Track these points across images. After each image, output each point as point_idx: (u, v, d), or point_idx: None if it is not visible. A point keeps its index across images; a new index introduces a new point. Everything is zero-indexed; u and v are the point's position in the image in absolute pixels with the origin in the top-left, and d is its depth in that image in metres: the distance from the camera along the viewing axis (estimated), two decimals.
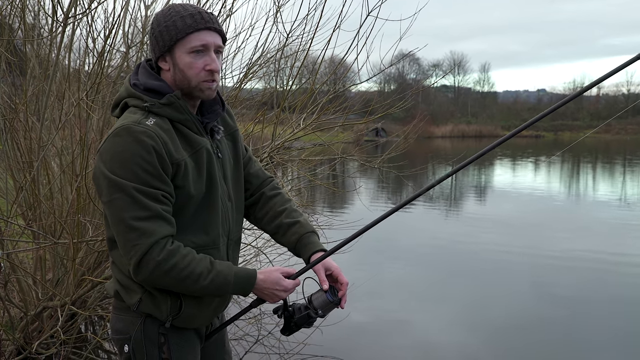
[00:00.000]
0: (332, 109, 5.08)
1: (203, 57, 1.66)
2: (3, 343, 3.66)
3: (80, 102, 3.55)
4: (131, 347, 1.76)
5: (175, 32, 1.63)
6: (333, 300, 1.84)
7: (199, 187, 1.71)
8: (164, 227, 1.61)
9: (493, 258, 8.02)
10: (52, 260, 4.14)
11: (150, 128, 1.60)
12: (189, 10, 1.65)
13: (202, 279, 1.64)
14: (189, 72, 1.66)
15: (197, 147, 1.71)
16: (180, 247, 1.64)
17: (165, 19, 1.65)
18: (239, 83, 4.76)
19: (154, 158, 1.58)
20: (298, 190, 6.21)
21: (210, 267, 1.66)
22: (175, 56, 1.66)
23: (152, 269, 1.59)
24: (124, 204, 1.58)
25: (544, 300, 6.08)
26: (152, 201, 1.59)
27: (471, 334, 5.13)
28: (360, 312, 5.46)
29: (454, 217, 12.20)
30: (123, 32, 4.00)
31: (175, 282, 1.64)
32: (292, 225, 1.91)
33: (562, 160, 26.90)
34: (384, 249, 8.38)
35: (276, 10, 4.34)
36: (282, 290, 1.77)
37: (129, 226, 1.58)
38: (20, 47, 4.39)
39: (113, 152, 1.60)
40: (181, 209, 1.69)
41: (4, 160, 3.97)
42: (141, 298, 1.73)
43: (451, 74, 73.29)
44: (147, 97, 1.67)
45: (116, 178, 1.58)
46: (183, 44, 1.64)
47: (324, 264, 1.85)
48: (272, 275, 1.77)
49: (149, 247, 1.58)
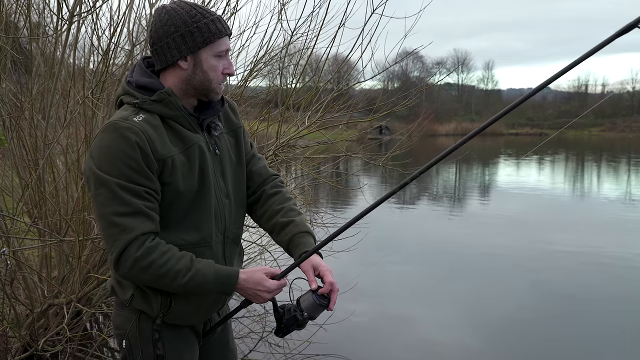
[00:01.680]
0: (337, 107, 5.08)
1: (222, 60, 1.72)
2: (9, 340, 3.68)
3: (85, 100, 3.56)
4: (128, 342, 1.79)
5: (209, 35, 1.66)
6: (320, 303, 1.77)
7: (189, 183, 1.70)
8: (145, 223, 1.61)
9: (496, 256, 8.01)
10: (57, 257, 4.15)
11: (136, 124, 1.61)
12: (210, 13, 1.69)
13: (181, 277, 1.63)
14: (212, 74, 1.71)
15: (189, 144, 1.71)
16: (159, 244, 1.63)
17: (193, 20, 1.65)
18: (243, 81, 4.76)
19: (138, 154, 1.59)
20: (302, 188, 6.22)
21: (190, 265, 1.65)
22: (201, 58, 1.69)
23: (131, 265, 1.60)
24: (106, 200, 1.59)
25: (547, 299, 6.07)
26: (134, 197, 1.59)
27: (474, 332, 5.13)
28: (364, 311, 5.46)
29: (457, 215, 12.19)
30: (128, 30, 4.00)
31: (153, 279, 1.65)
32: (287, 225, 1.88)
33: (565, 158, 26.84)
34: (386, 248, 8.38)
35: (280, 8, 4.33)
36: (265, 291, 1.73)
37: (109, 221, 1.60)
38: (25, 45, 4.41)
39: (100, 148, 1.62)
40: (170, 206, 1.69)
41: (10, 159, 3.98)
42: (133, 294, 1.74)
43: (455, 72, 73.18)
44: (138, 94, 1.69)
45: (100, 173, 1.59)
46: (212, 47, 1.69)
47: (313, 264, 1.79)
48: (255, 275, 1.73)
49: (128, 243, 1.59)
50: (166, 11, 1.67)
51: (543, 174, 20.80)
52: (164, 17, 1.67)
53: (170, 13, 1.67)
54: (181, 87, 1.72)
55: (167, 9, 1.68)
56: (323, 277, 1.77)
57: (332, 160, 5.90)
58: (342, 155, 5.35)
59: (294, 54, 4.80)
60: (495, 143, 39.96)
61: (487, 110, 67.93)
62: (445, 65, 68.54)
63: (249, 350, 4.45)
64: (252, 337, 4.64)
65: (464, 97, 73.15)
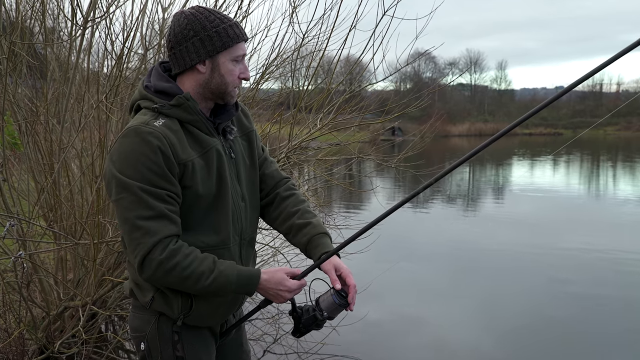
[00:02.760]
0: (349, 109, 5.08)
1: (239, 65, 1.75)
2: (26, 342, 3.72)
3: (99, 104, 3.59)
4: (147, 344, 1.81)
5: (227, 39, 1.69)
6: (340, 303, 1.79)
7: (208, 186, 1.73)
8: (168, 226, 1.63)
9: (509, 257, 7.96)
10: (72, 260, 4.19)
11: (157, 129, 1.64)
12: (228, 19, 1.72)
13: (204, 279, 1.66)
14: (228, 77, 1.73)
15: (207, 147, 1.74)
16: (183, 247, 1.66)
17: (212, 25, 1.68)
18: (255, 84, 4.78)
19: (160, 158, 1.62)
20: (315, 190, 6.22)
21: (212, 266, 1.68)
22: (219, 62, 1.71)
23: (155, 268, 1.62)
24: (129, 203, 1.62)
25: (560, 300, 6.02)
26: (157, 201, 1.62)
27: (488, 333, 5.10)
28: (377, 311, 5.45)
29: (470, 216, 12.12)
30: (141, 34, 4.04)
31: (177, 281, 1.67)
32: (304, 227, 1.90)
33: (580, 158, 26.58)
34: (400, 248, 8.36)
35: (292, 11, 4.35)
36: (286, 290, 1.76)
37: (133, 225, 1.62)
38: (40, 50, 4.46)
39: (120, 152, 1.64)
40: (190, 209, 1.72)
41: (26, 163, 4.03)
42: (153, 296, 1.76)
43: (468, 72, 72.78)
44: (157, 99, 1.71)
45: (123, 177, 1.61)
46: (229, 51, 1.71)
47: (334, 265, 1.82)
48: (276, 275, 1.76)
49: (152, 246, 1.61)
50: (185, 16, 1.70)
51: (558, 174, 20.62)
52: (182, 21, 1.69)
53: (190, 18, 1.69)
54: (199, 90, 1.75)
55: (186, 14, 1.70)
56: (345, 279, 1.80)
57: (345, 162, 5.90)
58: (354, 157, 5.34)
59: (305, 56, 4.81)
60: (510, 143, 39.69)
61: (501, 110, 67.50)
62: (458, 65, 68.20)
63: (263, 351, 4.46)
64: (265, 339, 4.65)
65: (477, 98, 72.69)
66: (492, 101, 71.71)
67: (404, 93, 40.31)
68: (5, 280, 3.49)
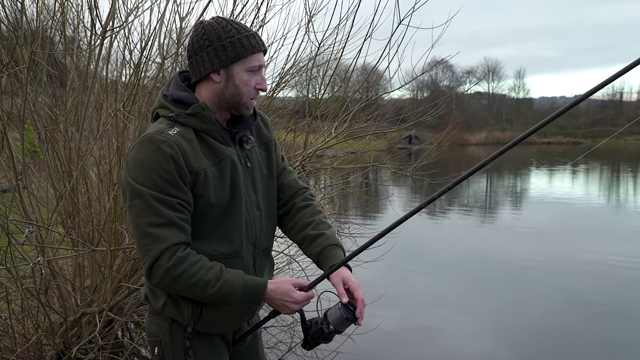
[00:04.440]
0: (364, 117, 5.08)
1: (255, 76, 1.75)
2: (44, 348, 3.76)
3: (117, 112, 3.64)
4: (160, 349, 1.83)
5: (242, 50, 1.70)
6: (347, 317, 1.75)
7: (221, 195, 1.73)
8: (177, 234, 1.65)
9: (525, 266, 7.86)
10: (90, 267, 4.23)
11: (171, 137, 1.66)
12: (246, 29, 1.72)
13: (210, 287, 1.66)
14: (243, 88, 1.74)
15: (221, 157, 1.75)
16: (190, 255, 1.67)
17: (227, 35, 1.69)
18: (271, 92, 4.80)
19: (172, 166, 1.63)
20: (330, 198, 6.22)
21: (219, 275, 1.68)
22: (234, 72, 1.72)
23: (162, 275, 1.64)
24: (140, 210, 1.64)
25: (579, 311, 5.93)
26: (167, 208, 1.63)
27: (504, 343, 5.04)
28: (392, 320, 5.42)
29: (487, 225, 12.01)
30: (159, 43, 4.08)
31: (184, 289, 1.68)
32: (317, 238, 1.89)
33: (600, 167, 26.25)
34: (416, 257, 8.32)
35: (308, 20, 4.37)
36: (292, 302, 1.74)
37: (143, 232, 1.64)
38: (60, 59, 4.53)
39: (135, 160, 1.67)
40: (202, 217, 1.73)
41: (45, 170, 4.08)
42: (165, 302, 1.79)
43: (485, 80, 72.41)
44: (174, 108, 1.74)
45: (136, 184, 1.64)
46: (244, 62, 1.71)
47: (342, 277, 1.79)
48: (283, 286, 1.74)
49: (160, 253, 1.63)
50: (203, 26, 1.72)
51: (577, 183, 20.37)
52: (200, 31, 1.72)
53: (207, 28, 1.71)
54: (214, 100, 1.76)
55: (204, 24, 1.73)
56: (353, 293, 1.77)
57: (360, 171, 5.89)
58: (369, 166, 5.33)
59: (321, 65, 4.83)
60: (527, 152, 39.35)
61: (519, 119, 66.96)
62: (476, 74, 67.93)
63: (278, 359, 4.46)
64: (280, 348, 4.64)
65: (494, 106, 72.22)
66: (510, 110, 71.19)
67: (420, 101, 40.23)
68: (24, 286, 3.53)
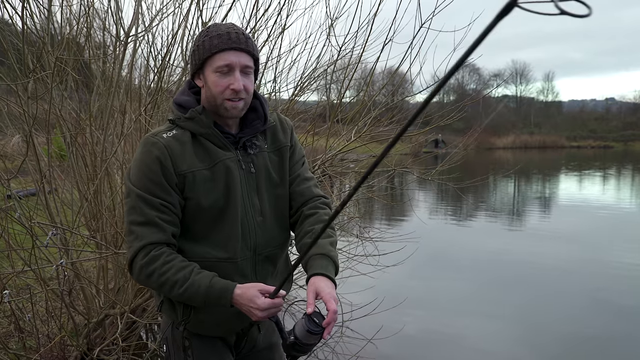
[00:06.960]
0: (386, 121, 5.05)
1: (227, 76, 1.70)
2: (68, 349, 3.81)
3: (139, 117, 3.68)
4: (167, 347, 1.91)
5: (204, 51, 1.70)
6: (308, 329, 1.57)
7: (213, 199, 1.73)
8: (156, 234, 1.68)
9: (552, 272, 7.70)
10: (113, 269, 4.29)
11: (162, 139, 1.71)
12: (220, 30, 1.70)
13: (178, 287, 1.67)
14: (214, 90, 1.72)
15: (217, 160, 1.75)
16: (164, 254, 1.68)
17: (198, 39, 1.73)
18: (293, 96, 4.81)
19: (158, 168, 1.68)
20: (354, 202, 6.19)
21: (188, 276, 1.67)
22: (206, 74, 1.73)
23: (138, 272, 1.70)
24: (129, 208, 1.71)
25: (606, 317, 5.78)
26: (149, 208, 1.68)
27: (528, 348, 4.94)
28: (414, 325, 5.37)
29: (514, 230, 11.82)
30: (181, 49, 4.13)
31: (157, 287, 1.71)
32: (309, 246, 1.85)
33: (632, 172, 25.67)
34: (439, 261, 8.23)
35: (330, 24, 4.37)
36: (257, 308, 1.63)
37: (128, 229, 1.71)
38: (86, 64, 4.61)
39: (133, 160, 1.75)
40: (193, 220, 1.75)
41: (70, 173, 4.15)
42: (162, 301, 1.85)
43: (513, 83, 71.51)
44: (176, 112, 1.79)
45: (129, 183, 1.72)
46: (210, 63, 1.71)
47: (316, 288, 1.64)
48: (249, 292, 1.65)
49: (138, 250, 1.68)
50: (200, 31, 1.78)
51: (608, 188, 19.94)
52: None
53: (200, 33, 1.76)
54: (206, 104, 1.78)
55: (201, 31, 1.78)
56: (326, 304, 1.61)
57: (383, 175, 5.85)
58: (391, 170, 5.30)
59: (342, 68, 4.82)
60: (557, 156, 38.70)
61: (548, 122, 65.97)
62: (503, 76, 67.18)
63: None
64: None
65: (522, 109, 71.26)
66: (538, 113, 70.17)
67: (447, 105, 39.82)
68: (49, 287, 3.59)
